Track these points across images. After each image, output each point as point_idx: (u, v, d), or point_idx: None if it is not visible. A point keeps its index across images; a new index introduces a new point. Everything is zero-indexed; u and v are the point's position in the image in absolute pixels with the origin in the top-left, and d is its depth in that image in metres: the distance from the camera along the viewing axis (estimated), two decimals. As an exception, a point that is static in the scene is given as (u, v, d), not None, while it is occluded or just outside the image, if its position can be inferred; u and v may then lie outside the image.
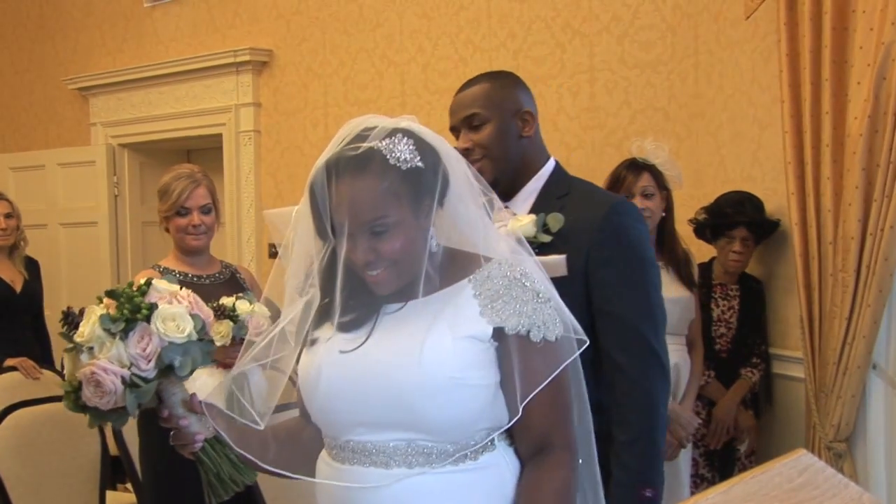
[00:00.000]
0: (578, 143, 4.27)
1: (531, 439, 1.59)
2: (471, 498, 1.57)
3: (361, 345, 1.58)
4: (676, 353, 3.25)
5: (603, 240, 1.94)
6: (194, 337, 1.75)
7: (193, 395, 1.68)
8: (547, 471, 1.56)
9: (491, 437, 1.59)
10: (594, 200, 2.05)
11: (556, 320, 1.56)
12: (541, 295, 1.56)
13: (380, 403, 1.54)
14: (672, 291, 3.22)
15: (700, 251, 3.54)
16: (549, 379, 1.54)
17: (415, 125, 1.60)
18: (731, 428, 3.43)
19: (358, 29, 5.09)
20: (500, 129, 2.04)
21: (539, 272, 1.61)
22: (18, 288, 4.35)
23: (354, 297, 1.61)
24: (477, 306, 1.55)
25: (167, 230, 2.99)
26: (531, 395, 1.52)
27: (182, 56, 5.84)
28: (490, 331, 1.54)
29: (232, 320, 2.17)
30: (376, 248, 1.53)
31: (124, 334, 1.72)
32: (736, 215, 3.39)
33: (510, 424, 1.57)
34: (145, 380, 1.69)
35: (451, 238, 1.65)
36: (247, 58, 5.47)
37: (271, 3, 5.50)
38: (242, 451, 1.64)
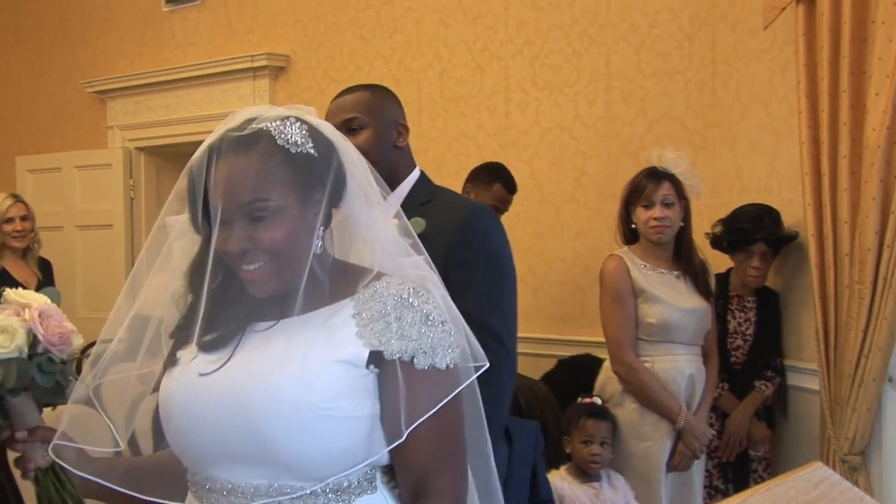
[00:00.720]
0: (594, 152, 4.31)
1: (409, 481, 1.42)
2: None
3: (221, 367, 1.42)
4: (692, 364, 3.31)
5: (461, 242, 2.02)
6: (24, 354, 1.58)
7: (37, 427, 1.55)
8: None
9: (370, 479, 1.44)
10: (455, 206, 2.16)
11: (448, 346, 1.40)
12: (432, 317, 1.39)
13: (235, 435, 1.38)
14: (688, 301, 3.29)
15: (716, 260, 3.55)
16: (432, 412, 1.37)
17: (312, 116, 1.50)
18: (744, 440, 3.46)
19: (375, 35, 5.12)
20: (377, 136, 2.14)
21: (441, 292, 1.47)
22: (32, 288, 4.41)
23: (223, 305, 1.46)
24: (354, 327, 1.39)
25: None
26: (407, 431, 1.35)
27: (200, 60, 5.89)
28: (366, 354, 1.38)
29: None
30: (254, 237, 1.39)
31: None
32: (755, 231, 3.42)
33: (383, 462, 1.42)
34: None
35: (344, 248, 1.54)
36: (264, 63, 5.52)
37: (289, 9, 5.54)
38: (102, 481, 1.50)
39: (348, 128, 2.05)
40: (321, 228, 1.45)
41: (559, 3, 4.38)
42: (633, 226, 3.38)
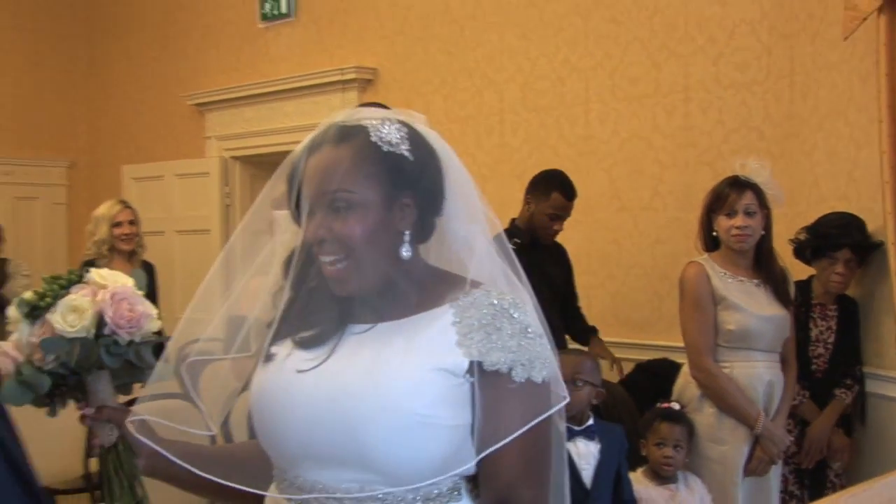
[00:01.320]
0: (672, 161, 4.33)
1: (494, 493, 1.38)
2: None
3: (319, 365, 1.40)
4: (770, 371, 3.30)
5: None
6: (90, 334, 1.56)
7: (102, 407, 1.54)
8: None
9: (457, 488, 1.41)
10: None
11: (544, 360, 1.38)
12: (530, 330, 1.37)
13: (330, 436, 1.36)
14: (768, 309, 3.27)
15: (795, 269, 3.53)
16: (527, 427, 1.34)
17: (420, 123, 1.47)
18: (825, 448, 3.43)
19: (459, 48, 5.18)
20: None
21: (533, 306, 1.44)
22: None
23: (318, 302, 1.44)
24: (455, 335, 1.36)
25: None
26: (501, 444, 1.33)
27: (292, 74, 5.98)
28: (465, 364, 1.35)
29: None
30: (332, 227, 1.37)
31: (32, 320, 1.59)
32: (841, 237, 3.40)
33: (471, 472, 1.39)
34: (45, 371, 1.55)
35: (441, 256, 1.49)
36: (353, 76, 5.60)
37: (377, 24, 5.62)
38: (183, 463, 1.46)
39: None
40: (408, 233, 1.42)
41: (638, 16, 4.41)
42: (715, 233, 3.36)
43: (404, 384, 1.31)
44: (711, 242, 3.39)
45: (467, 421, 1.35)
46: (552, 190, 4.04)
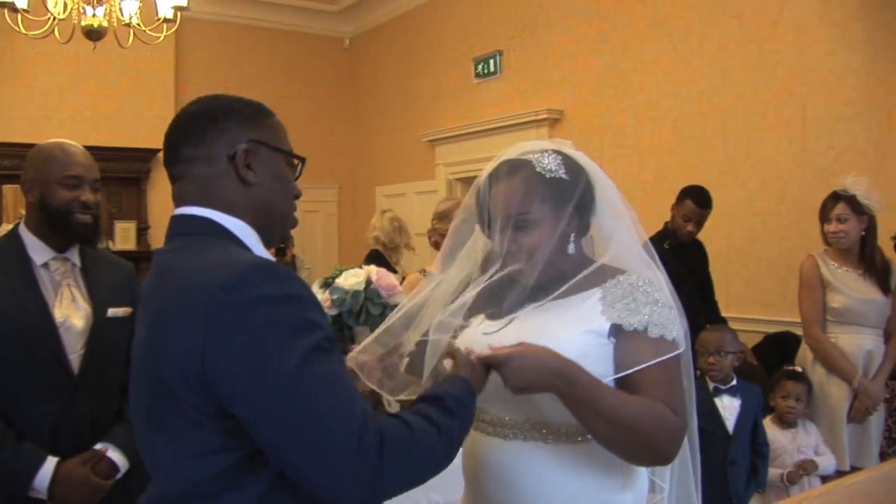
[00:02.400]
0: (792, 178, 4.41)
1: None
2: (580, 470, 1.41)
3: (500, 329, 1.47)
4: (872, 342, 3.40)
5: None
6: (361, 289, 2.01)
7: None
8: (657, 403, 1.35)
9: None
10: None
11: (674, 324, 1.40)
12: (661, 301, 1.40)
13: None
14: (867, 294, 3.39)
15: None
16: (658, 360, 1.35)
17: (568, 148, 1.51)
18: None
19: (625, 92, 5.31)
20: None
21: (667, 287, 1.46)
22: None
23: (503, 288, 1.48)
24: (601, 306, 1.41)
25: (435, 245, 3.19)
26: (636, 369, 1.35)
27: (498, 116, 6.21)
28: (608, 327, 1.39)
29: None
30: (518, 241, 1.44)
31: (325, 288, 2.10)
32: None
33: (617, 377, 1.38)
34: (331, 316, 2.01)
35: (599, 249, 1.54)
36: (544, 116, 5.78)
37: (561, 77, 5.79)
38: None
39: None
40: (572, 235, 1.47)
41: (765, 64, 4.48)
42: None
43: (561, 341, 1.35)
44: (826, 241, 3.50)
45: (609, 373, 1.37)
46: (686, 198, 4.12)
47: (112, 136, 6.95)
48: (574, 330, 1.39)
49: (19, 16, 4.37)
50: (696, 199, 4.14)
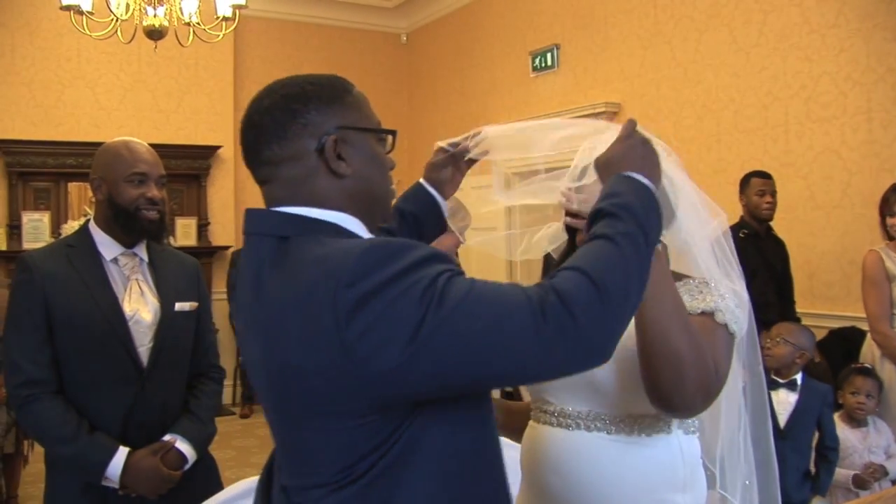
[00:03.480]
0: (858, 169, 4.42)
1: None
2: (641, 465, 1.41)
3: None
4: None
5: None
6: None
7: None
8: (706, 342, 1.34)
9: (668, 421, 1.42)
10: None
11: (741, 320, 1.40)
12: (727, 297, 1.41)
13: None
14: None
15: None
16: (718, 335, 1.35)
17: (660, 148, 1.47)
18: None
19: (683, 85, 5.37)
20: None
21: (737, 289, 1.45)
22: None
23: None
24: None
25: None
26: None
27: (555, 110, 6.25)
28: None
29: None
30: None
31: None
32: None
33: None
34: None
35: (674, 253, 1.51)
36: (602, 109, 5.82)
37: (619, 69, 5.87)
38: None
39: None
40: None
41: (827, 54, 4.51)
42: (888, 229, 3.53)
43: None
44: (888, 235, 3.56)
45: None
46: (750, 178, 4.32)
47: (172, 134, 7.31)
48: None
49: (84, 18, 4.68)
50: (760, 174, 4.32)
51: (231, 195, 7.65)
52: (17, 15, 6.84)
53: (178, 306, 2.19)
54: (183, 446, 2.12)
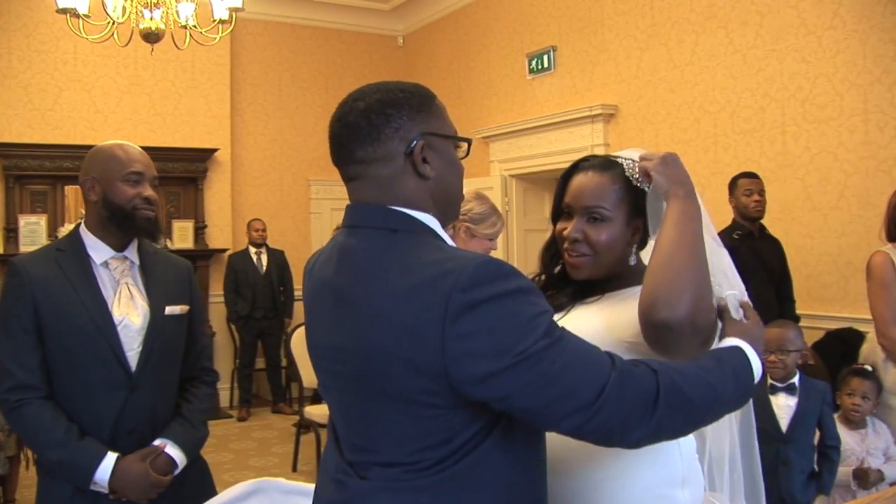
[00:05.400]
0: (855, 170, 4.42)
1: None
2: (639, 461, 1.43)
3: (561, 318, 1.50)
4: None
5: None
6: None
7: None
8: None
9: None
10: None
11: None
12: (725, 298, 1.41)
13: None
14: None
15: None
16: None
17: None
18: None
19: (680, 87, 5.38)
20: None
21: (735, 292, 1.47)
22: None
23: (559, 283, 1.56)
24: None
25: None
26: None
27: (552, 112, 6.33)
28: None
29: None
30: (586, 232, 1.48)
31: None
32: None
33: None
34: None
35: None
36: (599, 111, 5.87)
37: (616, 71, 5.88)
38: None
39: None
40: (635, 247, 1.52)
41: (824, 55, 4.50)
42: None
43: (632, 330, 1.39)
44: (895, 234, 3.44)
45: None
46: (736, 179, 4.33)
47: (169, 137, 7.31)
48: (630, 318, 1.42)
49: (80, 21, 4.68)
50: (746, 175, 4.33)
51: (228, 198, 7.64)
52: (13, 18, 6.83)
53: (169, 310, 2.18)
54: (173, 451, 2.11)
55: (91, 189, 2.13)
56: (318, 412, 5.16)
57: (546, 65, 6.52)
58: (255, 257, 7.20)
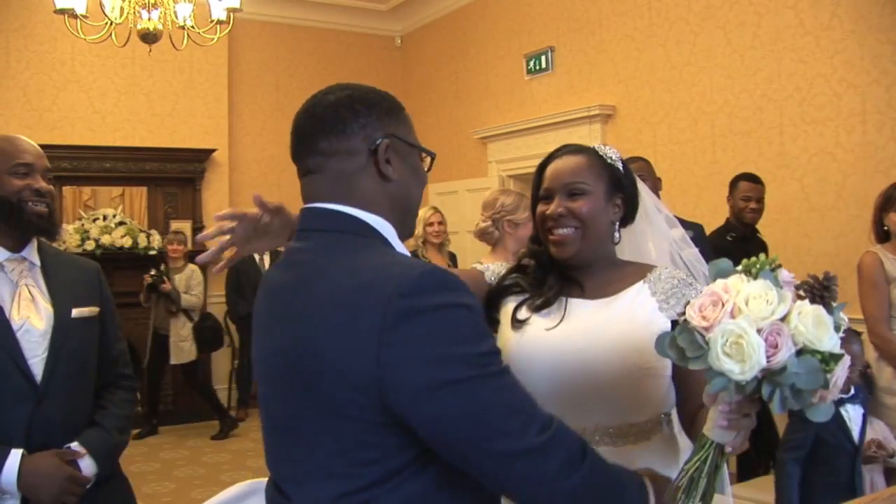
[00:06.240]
0: (852, 171, 4.43)
1: (690, 411, 1.43)
2: (639, 461, 1.41)
3: (558, 324, 1.51)
4: None
5: None
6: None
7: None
8: None
9: (662, 420, 1.50)
10: None
11: None
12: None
13: (576, 381, 1.45)
14: None
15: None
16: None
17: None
18: None
19: (678, 88, 5.39)
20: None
21: (701, 278, 1.59)
22: None
23: (544, 275, 1.56)
24: (655, 303, 1.48)
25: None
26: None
27: (550, 112, 6.35)
28: (669, 324, 1.44)
29: None
30: (569, 206, 1.51)
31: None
32: None
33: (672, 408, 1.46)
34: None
35: (636, 248, 1.66)
36: (597, 112, 5.90)
37: (614, 71, 5.90)
38: None
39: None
40: (617, 224, 1.57)
41: (822, 56, 4.53)
42: (886, 228, 3.47)
43: (631, 344, 1.42)
44: (883, 235, 3.50)
45: (671, 371, 1.42)
46: (738, 181, 4.30)
47: (167, 138, 7.29)
48: (636, 325, 1.46)
49: (78, 21, 4.67)
50: (749, 178, 4.30)
51: (226, 198, 7.62)
52: (11, 18, 6.82)
53: (77, 312, 2.02)
54: (83, 461, 1.95)
55: None
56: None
57: (544, 65, 6.55)
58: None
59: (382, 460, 1.12)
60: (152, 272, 6.31)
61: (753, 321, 1.04)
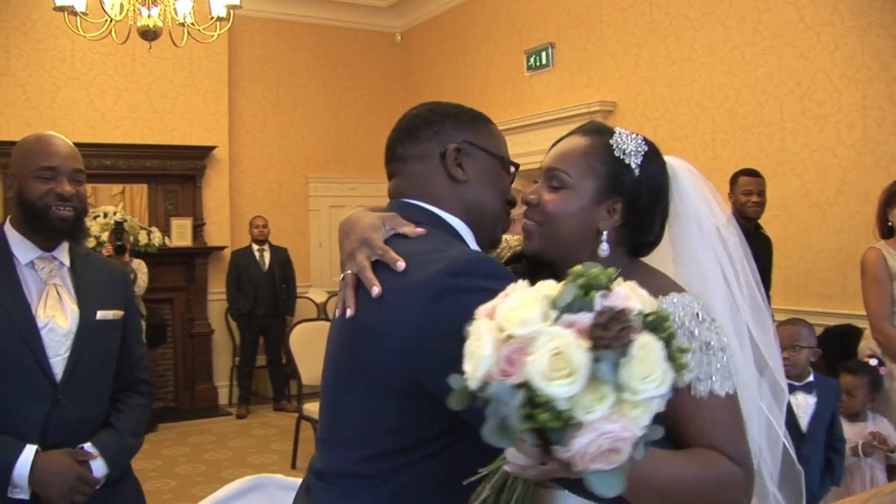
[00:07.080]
0: (853, 166, 4.43)
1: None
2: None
3: None
4: None
5: None
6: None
7: None
8: (714, 457, 1.18)
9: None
10: None
11: (726, 374, 1.22)
12: (712, 344, 1.22)
13: None
14: None
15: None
16: (706, 414, 1.20)
17: (674, 158, 1.40)
18: None
19: (679, 84, 5.40)
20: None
21: (725, 314, 1.31)
22: None
23: (535, 265, 1.37)
24: None
25: None
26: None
27: (550, 108, 6.33)
28: None
29: None
30: (541, 195, 1.33)
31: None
32: None
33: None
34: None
35: (666, 264, 1.39)
36: (597, 108, 5.86)
37: (614, 67, 5.91)
38: None
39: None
40: (606, 233, 1.31)
41: (822, 52, 4.52)
42: (889, 223, 3.47)
43: None
44: (887, 231, 3.50)
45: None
46: (738, 176, 4.28)
47: (167, 135, 7.30)
48: None
49: (78, 18, 4.67)
50: (749, 172, 4.28)
51: (226, 195, 7.64)
52: (11, 16, 6.82)
53: (101, 314, 2.02)
54: (94, 463, 1.96)
55: (10, 186, 1.99)
56: (318, 409, 5.14)
57: (544, 61, 6.56)
58: (257, 254, 7.20)
59: (412, 428, 1.18)
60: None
61: (495, 328, 0.87)
